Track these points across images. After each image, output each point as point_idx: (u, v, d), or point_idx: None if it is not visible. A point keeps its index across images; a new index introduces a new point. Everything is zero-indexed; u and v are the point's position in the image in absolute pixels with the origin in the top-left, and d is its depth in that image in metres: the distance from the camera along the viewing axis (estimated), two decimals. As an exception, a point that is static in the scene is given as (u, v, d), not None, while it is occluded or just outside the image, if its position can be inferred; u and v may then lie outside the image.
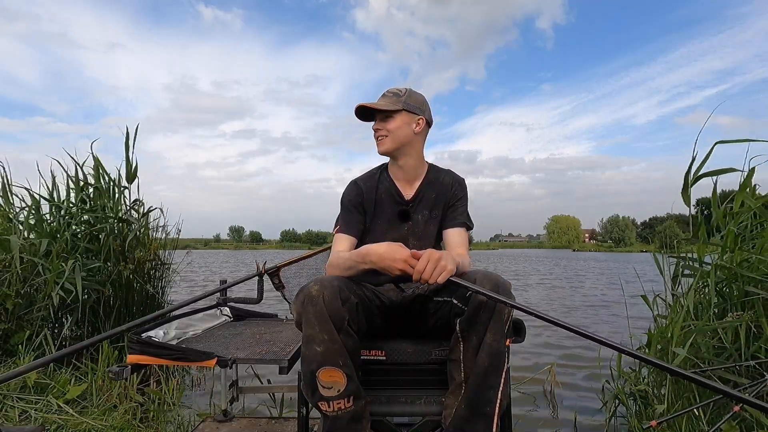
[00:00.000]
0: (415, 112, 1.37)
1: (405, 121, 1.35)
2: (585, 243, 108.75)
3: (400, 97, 1.36)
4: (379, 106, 1.34)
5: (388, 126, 1.34)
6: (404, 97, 1.36)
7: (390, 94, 1.38)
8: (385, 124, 1.35)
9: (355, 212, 1.39)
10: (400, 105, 1.34)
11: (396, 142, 1.35)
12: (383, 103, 1.35)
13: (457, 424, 1.07)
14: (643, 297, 2.29)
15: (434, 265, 1.01)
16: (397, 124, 1.34)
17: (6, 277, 2.46)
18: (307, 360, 1.04)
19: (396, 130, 1.34)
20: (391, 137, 1.35)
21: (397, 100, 1.36)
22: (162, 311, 1.55)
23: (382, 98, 1.39)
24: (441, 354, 1.20)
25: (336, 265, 1.23)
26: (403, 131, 1.35)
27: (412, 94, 1.38)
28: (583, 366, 3.36)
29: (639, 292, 2.33)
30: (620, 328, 4.81)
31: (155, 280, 3.15)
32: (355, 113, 1.38)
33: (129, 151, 3.10)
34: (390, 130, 1.34)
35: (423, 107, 1.39)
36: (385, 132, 1.35)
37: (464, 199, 1.43)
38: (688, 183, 2.00)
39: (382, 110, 1.35)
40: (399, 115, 1.35)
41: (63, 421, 1.84)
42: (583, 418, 2.32)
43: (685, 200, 2.04)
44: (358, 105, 1.35)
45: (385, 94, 1.39)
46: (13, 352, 2.37)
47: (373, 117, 1.39)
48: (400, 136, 1.35)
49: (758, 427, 1.51)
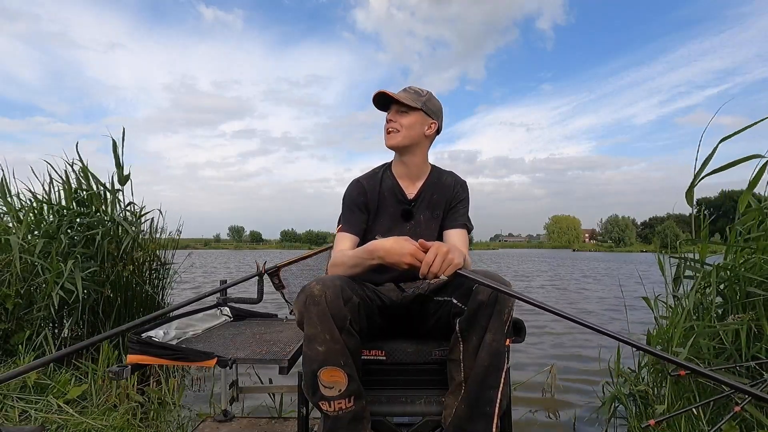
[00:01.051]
0: (430, 115, 1.38)
1: (419, 120, 1.36)
2: (585, 243, 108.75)
3: (421, 97, 1.37)
4: (401, 98, 1.34)
5: (403, 121, 1.35)
6: (425, 98, 1.37)
7: (412, 91, 1.38)
8: (400, 117, 1.35)
9: (357, 211, 1.39)
10: (419, 104, 1.35)
11: (406, 139, 1.35)
12: (404, 96, 1.35)
13: (457, 423, 1.07)
14: (644, 299, 2.29)
15: (443, 258, 1.02)
16: (411, 121, 1.35)
17: (6, 277, 2.46)
18: (308, 359, 1.04)
19: (409, 126, 1.35)
20: (402, 132, 1.35)
21: (417, 98, 1.36)
22: (162, 311, 1.55)
23: (403, 92, 1.38)
24: (441, 354, 1.20)
25: (340, 264, 1.23)
26: (415, 130, 1.36)
27: (431, 98, 1.39)
28: (583, 366, 3.36)
29: (644, 293, 2.33)
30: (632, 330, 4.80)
31: (154, 280, 3.15)
32: (373, 99, 1.38)
33: (119, 153, 3.09)
34: (403, 125, 1.35)
35: (438, 114, 1.41)
36: (398, 126, 1.35)
37: (466, 201, 1.44)
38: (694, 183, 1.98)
39: (401, 103, 1.34)
40: (416, 113, 1.35)
41: (63, 421, 1.84)
42: (583, 418, 2.32)
43: (688, 201, 2.03)
44: (380, 91, 1.35)
45: (406, 90, 1.39)
46: (13, 352, 2.37)
47: (388, 107, 1.39)
48: (411, 134, 1.36)
49: (758, 427, 1.51)
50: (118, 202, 3.12)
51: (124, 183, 3.12)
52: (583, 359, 3.56)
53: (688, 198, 2.02)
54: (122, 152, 3.09)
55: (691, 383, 1.77)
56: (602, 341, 3.56)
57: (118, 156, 3.09)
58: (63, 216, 2.91)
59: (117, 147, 3.08)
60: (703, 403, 1.33)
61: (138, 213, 3.19)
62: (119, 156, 3.09)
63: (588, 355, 3.62)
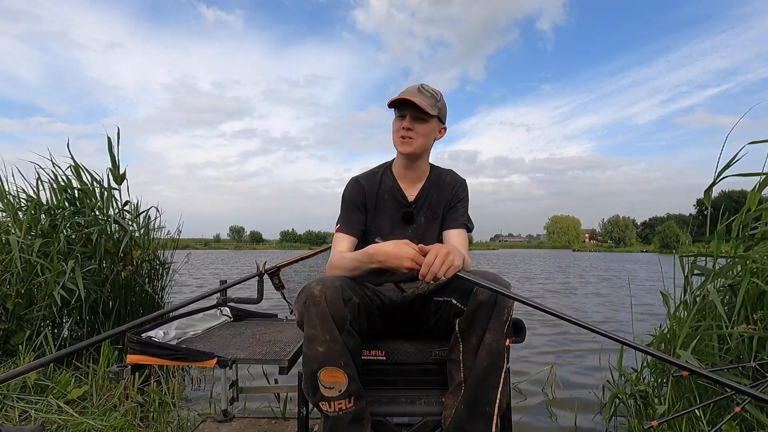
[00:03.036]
0: (443, 121, 1.36)
1: (434, 127, 1.33)
2: (585, 243, 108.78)
3: (437, 102, 1.31)
4: (423, 106, 1.26)
5: (420, 128, 1.29)
6: (440, 103, 1.32)
7: (428, 93, 1.31)
8: (418, 125, 1.29)
9: (356, 211, 1.38)
10: (436, 110, 1.30)
11: (421, 147, 1.32)
12: (425, 104, 1.27)
13: (457, 424, 1.07)
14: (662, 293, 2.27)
15: (442, 260, 1.02)
16: (427, 129, 1.31)
17: (6, 276, 2.46)
18: (308, 360, 1.04)
19: (425, 134, 1.31)
20: (419, 141, 1.30)
21: (435, 104, 1.30)
22: (162, 311, 1.55)
23: (419, 94, 1.29)
24: (441, 354, 1.20)
25: (339, 266, 1.23)
26: (430, 138, 1.34)
27: (443, 102, 1.35)
28: (583, 366, 3.36)
29: (649, 293, 2.31)
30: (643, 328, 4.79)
31: (154, 280, 3.14)
32: (392, 102, 1.29)
33: (114, 152, 3.07)
34: (420, 133, 1.30)
35: (446, 116, 1.38)
36: (414, 134, 1.29)
37: (465, 200, 1.43)
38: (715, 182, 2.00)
39: (420, 109, 1.26)
40: (432, 120, 1.31)
41: (63, 421, 1.84)
42: (583, 418, 2.32)
43: (706, 200, 2.08)
44: (404, 98, 1.26)
45: (421, 91, 1.30)
46: (13, 352, 2.37)
47: (404, 109, 1.30)
48: (427, 142, 1.33)
49: (758, 427, 1.50)
50: (114, 200, 3.11)
51: (120, 182, 3.10)
52: (584, 359, 3.55)
53: (706, 197, 2.07)
54: (118, 151, 3.07)
55: (692, 383, 1.76)
56: (603, 341, 3.56)
57: (114, 155, 3.07)
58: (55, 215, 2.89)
59: (112, 146, 3.05)
60: (704, 404, 1.33)
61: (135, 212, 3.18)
62: (115, 155, 3.07)
63: (588, 355, 3.61)
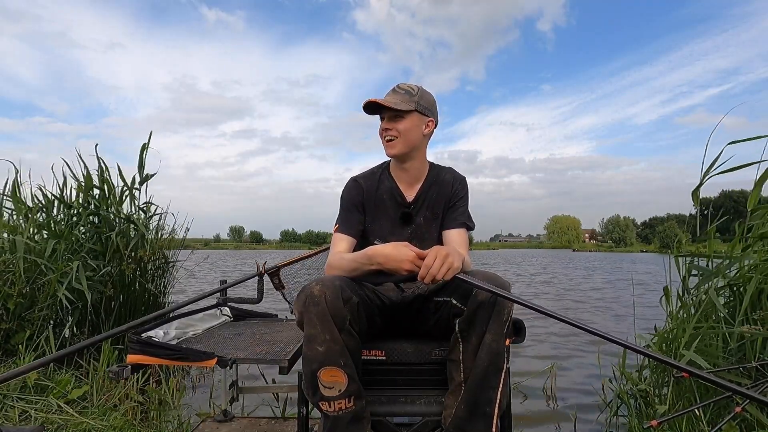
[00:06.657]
0: (426, 113, 1.31)
1: (415, 122, 1.29)
2: (585, 243, 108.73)
3: (413, 97, 1.29)
4: (392, 105, 1.26)
5: (399, 126, 1.28)
6: (417, 96, 1.29)
7: (401, 90, 1.30)
8: (396, 124, 1.28)
9: (355, 212, 1.37)
10: (412, 105, 1.28)
11: (407, 145, 1.30)
12: (396, 101, 1.27)
13: (457, 424, 1.07)
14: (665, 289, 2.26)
15: (441, 261, 1.01)
16: (407, 125, 1.28)
17: (8, 276, 2.46)
18: (308, 360, 1.04)
19: (406, 132, 1.28)
20: (401, 139, 1.28)
21: (409, 99, 1.28)
22: (162, 311, 1.55)
23: (392, 94, 1.30)
24: (441, 354, 1.20)
25: (337, 267, 1.23)
26: (414, 133, 1.29)
27: (423, 94, 1.31)
28: (583, 366, 3.36)
29: (650, 294, 2.31)
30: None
31: (157, 279, 3.16)
32: (364, 107, 1.30)
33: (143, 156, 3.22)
34: (400, 132, 1.28)
35: (433, 108, 1.34)
36: (395, 133, 1.28)
37: (465, 198, 1.41)
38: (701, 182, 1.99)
39: (393, 109, 1.27)
40: (410, 115, 1.28)
41: (63, 421, 1.84)
42: (584, 418, 2.32)
43: (694, 200, 2.05)
44: (369, 101, 1.27)
45: (395, 90, 1.31)
46: (14, 352, 2.37)
47: (381, 112, 1.31)
48: (411, 139, 1.29)
49: (759, 427, 1.50)
50: (134, 200, 3.20)
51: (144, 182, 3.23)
52: (584, 359, 3.55)
53: (694, 198, 2.04)
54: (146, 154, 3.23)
55: (692, 384, 1.76)
56: (602, 341, 3.55)
57: (143, 158, 3.21)
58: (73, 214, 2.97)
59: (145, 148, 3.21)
60: (704, 404, 1.33)
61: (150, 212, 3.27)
62: (143, 158, 3.21)
63: (589, 355, 3.61)
